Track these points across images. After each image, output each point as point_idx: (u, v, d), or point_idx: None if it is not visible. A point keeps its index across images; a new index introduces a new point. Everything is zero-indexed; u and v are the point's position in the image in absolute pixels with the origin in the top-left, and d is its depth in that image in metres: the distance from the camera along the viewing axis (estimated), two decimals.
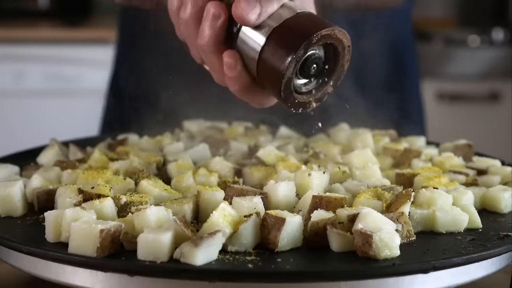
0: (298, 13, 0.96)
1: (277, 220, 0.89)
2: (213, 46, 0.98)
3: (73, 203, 0.96)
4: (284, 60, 0.93)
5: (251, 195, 0.98)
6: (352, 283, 0.84)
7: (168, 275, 0.83)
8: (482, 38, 3.62)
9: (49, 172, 1.12)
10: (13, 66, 3.40)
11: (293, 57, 0.93)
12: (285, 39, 0.94)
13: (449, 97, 3.55)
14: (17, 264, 0.93)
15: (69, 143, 1.30)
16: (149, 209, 0.90)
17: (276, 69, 0.94)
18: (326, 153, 1.24)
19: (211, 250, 0.85)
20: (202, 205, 0.99)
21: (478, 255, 0.89)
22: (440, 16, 3.94)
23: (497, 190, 1.07)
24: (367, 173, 1.11)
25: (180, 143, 1.29)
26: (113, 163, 1.15)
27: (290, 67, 0.93)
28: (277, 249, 0.89)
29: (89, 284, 0.86)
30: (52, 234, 0.91)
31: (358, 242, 0.87)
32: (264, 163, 1.17)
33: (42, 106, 3.43)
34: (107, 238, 0.86)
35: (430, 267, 0.85)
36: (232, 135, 1.36)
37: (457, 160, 1.21)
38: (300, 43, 0.93)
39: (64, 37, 3.46)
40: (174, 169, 1.14)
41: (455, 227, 0.97)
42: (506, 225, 1.00)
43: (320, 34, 0.93)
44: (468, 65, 3.56)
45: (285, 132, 1.39)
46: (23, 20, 3.62)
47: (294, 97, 0.97)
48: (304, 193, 0.99)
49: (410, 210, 0.97)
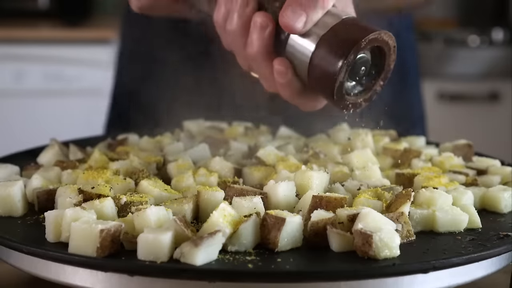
0: (343, 19, 0.98)
1: (277, 220, 0.89)
2: (263, 56, 1.01)
3: (73, 203, 0.96)
4: (335, 66, 0.96)
5: (251, 195, 0.98)
6: (352, 283, 0.84)
7: (168, 275, 0.83)
8: (482, 38, 3.62)
9: (49, 172, 1.12)
10: (13, 66, 3.40)
11: (343, 62, 0.96)
12: (334, 45, 0.97)
13: (449, 97, 3.56)
14: (17, 264, 0.93)
15: (69, 143, 1.30)
16: (149, 209, 0.90)
17: (327, 75, 0.97)
18: (326, 153, 1.24)
19: (211, 250, 0.85)
20: (202, 205, 0.99)
21: (478, 255, 0.89)
22: (440, 16, 3.94)
23: (497, 190, 1.07)
24: (367, 173, 1.11)
25: (180, 143, 1.29)
26: (113, 163, 1.15)
27: (341, 72, 0.96)
28: (277, 249, 0.89)
29: (89, 284, 0.86)
30: (52, 234, 0.91)
31: (358, 242, 0.87)
32: (264, 163, 1.17)
33: (42, 106, 3.43)
34: (107, 238, 0.86)
35: (430, 267, 0.85)
36: (232, 135, 1.36)
37: (457, 160, 1.21)
38: (350, 48, 0.96)
39: (64, 37, 3.46)
40: (174, 169, 1.14)
41: (455, 227, 0.97)
42: (506, 225, 1.00)
43: (368, 39, 0.96)
44: (468, 65, 3.56)
45: (285, 132, 1.39)
46: (23, 20, 3.62)
47: (345, 99, 1.00)
48: (304, 193, 0.99)
49: (410, 210, 0.97)
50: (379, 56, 1.01)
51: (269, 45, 1.01)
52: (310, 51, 0.98)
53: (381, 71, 1.02)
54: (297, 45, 1.00)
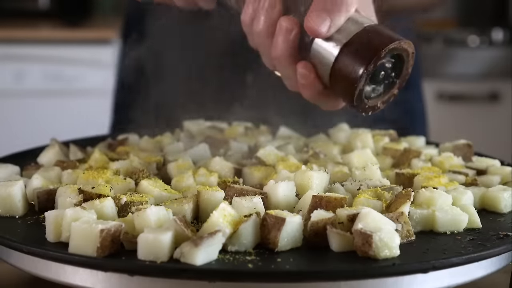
0: (365, 27, 1.01)
1: (277, 220, 0.89)
2: (287, 58, 1.04)
3: (74, 203, 0.97)
4: (356, 74, 0.99)
5: (251, 195, 0.98)
6: (352, 283, 0.84)
7: (168, 275, 0.83)
8: (482, 39, 3.62)
9: (50, 172, 1.12)
10: (13, 66, 3.40)
11: (364, 71, 0.99)
12: (356, 54, 1.00)
13: (449, 97, 3.55)
14: (18, 264, 0.93)
15: (69, 143, 1.30)
16: (149, 209, 0.90)
17: (348, 81, 1.00)
18: (326, 153, 1.24)
19: (211, 250, 0.85)
20: (202, 205, 0.99)
21: (478, 255, 0.89)
22: (440, 17, 3.94)
23: (496, 190, 1.07)
24: (367, 173, 1.11)
25: (180, 143, 1.29)
26: (113, 163, 1.15)
27: (362, 80, 1.00)
28: (277, 249, 0.89)
29: (89, 284, 0.86)
30: (52, 234, 0.91)
31: (358, 242, 0.87)
32: (264, 163, 1.17)
33: (42, 106, 3.43)
34: (107, 238, 0.86)
35: (430, 267, 0.85)
36: (232, 135, 1.36)
37: (457, 160, 1.21)
38: (371, 58, 0.99)
39: (64, 37, 3.46)
40: (174, 169, 1.14)
41: (454, 227, 0.97)
42: (506, 225, 1.00)
43: (388, 48, 1.00)
44: (468, 65, 3.56)
45: (285, 132, 1.39)
46: (23, 20, 3.62)
47: (365, 103, 1.04)
48: (304, 193, 0.99)
49: (410, 210, 0.97)
50: (398, 60, 1.04)
51: (293, 47, 1.03)
52: (333, 56, 1.01)
53: (399, 75, 1.06)
54: (321, 49, 1.02)
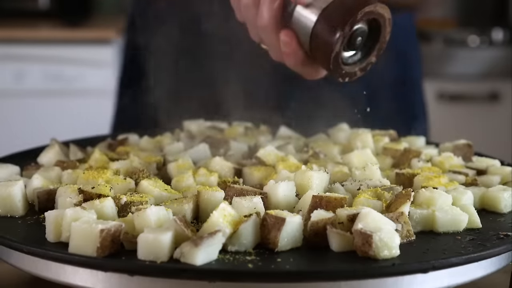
0: None
1: (277, 220, 0.89)
2: (272, 26, 1.11)
3: (74, 203, 0.97)
4: (333, 37, 1.05)
5: (251, 195, 0.98)
6: (352, 283, 0.84)
7: (168, 275, 0.84)
8: (482, 38, 3.62)
9: (50, 172, 1.12)
10: (13, 66, 3.40)
11: (340, 33, 1.05)
12: (333, 18, 1.06)
13: (449, 97, 3.55)
14: (18, 264, 0.93)
15: (69, 143, 1.30)
16: (149, 209, 0.90)
17: (325, 45, 1.06)
18: (326, 153, 1.24)
19: (211, 250, 0.85)
20: (202, 205, 0.99)
21: (478, 255, 0.89)
22: (440, 17, 3.94)
23: (496, 190, 1.07)
24: (367, 173, 1.11)
25: (180, 143, 1.29)
26: (113, 163, 1.15)
27: (338, 42, 1.05)
28: (277, 249, 0.89)
29: (90, 284, 0.86)
30: (52, 234, 0.91)
31: (358, 242, 0.87)
32: (264, 163, 1.17)
33: (42, 106, 3.42)
34: (107, 238, 0.86)
35: (430, 267, 0.85)
36: (232, 135, 1.36)
37: (457, 160, 1.21)
38: (346, 21, 1.05)
39: (64, 37, 3.46)
40: (174, 169, 1.14)
41: (454, 227, 0.97)
42: (506, 225, 1.00)
43: (363, 11, 1.05)
44: (468, 65, 3.56)
45: (285, 132, 1.39)
46: (23, 20, 3.62)
47: (342, 68, 1.09)
48: (304, 193, 0.99)
49: (410, 210, 0.97)
50: (375, 28, 1.09)
51: (277, 16, 1.10)
52: (312, 22, 1.07)
53: (377, 42, 1.10)
54: (301, 17, 1.09)
